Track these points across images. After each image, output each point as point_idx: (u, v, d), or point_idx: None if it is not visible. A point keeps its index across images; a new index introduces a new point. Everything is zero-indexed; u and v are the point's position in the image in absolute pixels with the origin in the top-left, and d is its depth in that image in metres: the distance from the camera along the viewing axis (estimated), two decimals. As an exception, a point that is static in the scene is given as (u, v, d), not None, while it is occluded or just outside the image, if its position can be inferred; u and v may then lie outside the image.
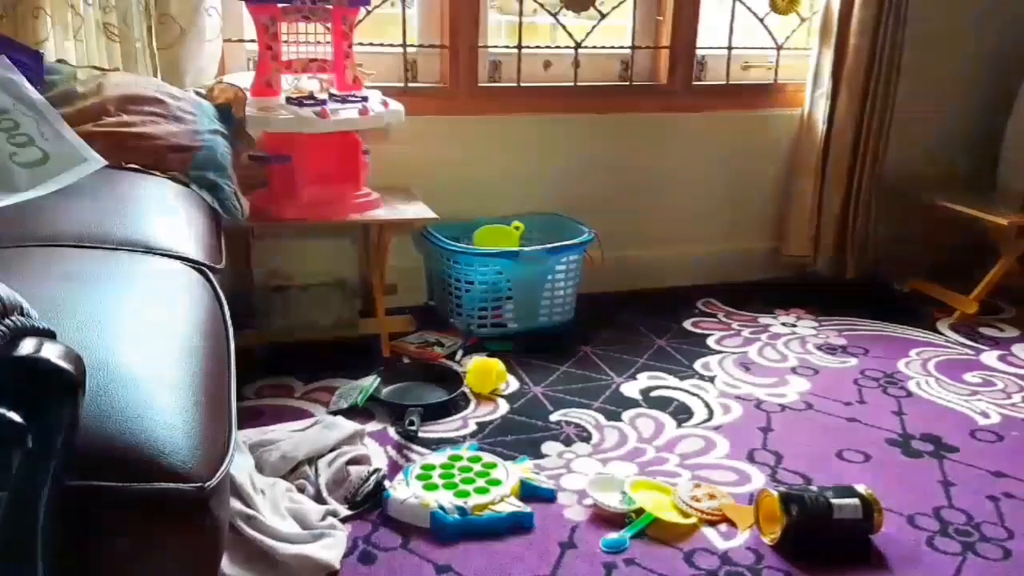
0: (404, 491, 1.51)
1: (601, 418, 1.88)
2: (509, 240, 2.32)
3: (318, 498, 1.50)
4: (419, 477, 1.56)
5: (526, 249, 2.25)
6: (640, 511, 1.51)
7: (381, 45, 2.34)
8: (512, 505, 1.50)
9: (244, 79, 2.00)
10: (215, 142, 1.74)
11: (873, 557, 1.45)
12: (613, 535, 1.47)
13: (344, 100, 1.98)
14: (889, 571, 1.42)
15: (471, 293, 2.21)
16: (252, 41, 2.12)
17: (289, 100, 1.95)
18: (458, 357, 2.15)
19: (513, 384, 2.03)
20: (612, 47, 2.55)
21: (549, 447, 1.75)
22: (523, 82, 2.47)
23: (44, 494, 0.64)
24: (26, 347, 0.63)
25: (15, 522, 0.63)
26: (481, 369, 1.99)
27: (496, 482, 1.56)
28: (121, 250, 1.22)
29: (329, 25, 1.99)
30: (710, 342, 2.32)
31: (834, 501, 1.45)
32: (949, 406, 1.99)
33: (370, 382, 1.91)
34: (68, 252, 1.17)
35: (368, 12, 2.23)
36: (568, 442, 1.78)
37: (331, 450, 1.61)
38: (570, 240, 2.28)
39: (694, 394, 2.01)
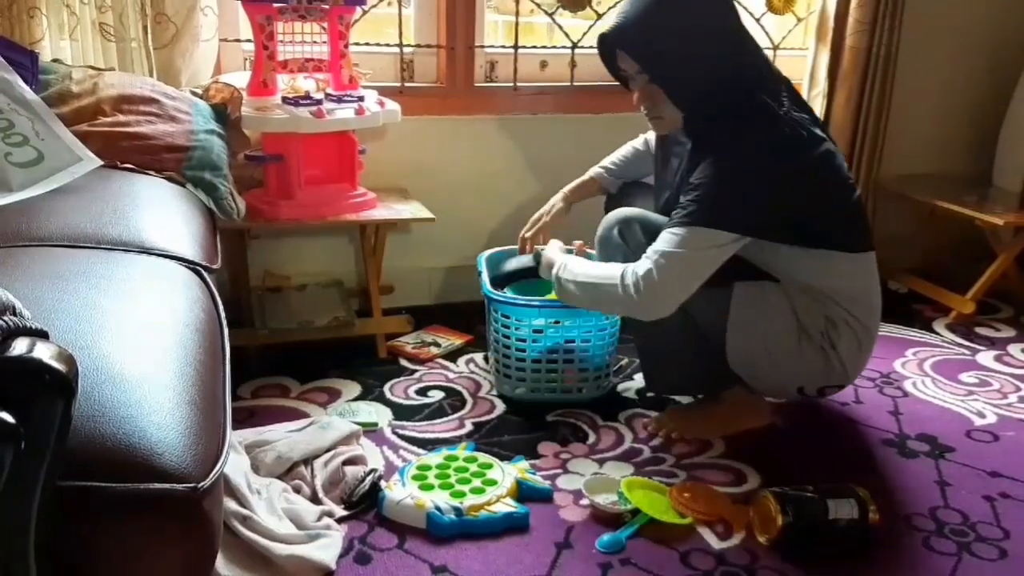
0: (400, 492, 1.51)
1: (597, 418, 1.88)
2: None
3: (314, 499, 1.50)
4: (415, 478, 1.56)
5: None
6: (636, 511, 1.51)
7: (377, 45, 2.34)
8: (508, 505, 1.50)
9: (240, 79, 1.99)
10: (211, 142, 1.74)
11: (869, 557, 1.45)
12: (609, 535, 1.47)
13: (340, 100, 1.98)
14: (885, 571, 1.42)
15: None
16: (248, 41, 2.12)
17: (285, 100, 1.94)
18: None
19: (509, 384, 2.03)
20: (609, 47, 2.55)
21: (545, 447, 1.75)
22: (520, 82, 2.47)
23: (36, 495, 0.64)
24: (19, 347, 0.63)
25: (7, 522, 0.63)
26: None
27: (492, 482, 1.55)
28: (116, 250, 1.22)
29: (325, 25, 1.99)
30: (707, 342, 2.32)
31: (830, 501, 1.45)
32: (945, 406, 1.99)
33: (373, 419, 1.82)
34: (62, 252, 1.17)
35: (364, 12, 2.23)
36: (564, 442, 1.78)
37: (327, 450, 1.60)
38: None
39: (691, 394, 2.01)
